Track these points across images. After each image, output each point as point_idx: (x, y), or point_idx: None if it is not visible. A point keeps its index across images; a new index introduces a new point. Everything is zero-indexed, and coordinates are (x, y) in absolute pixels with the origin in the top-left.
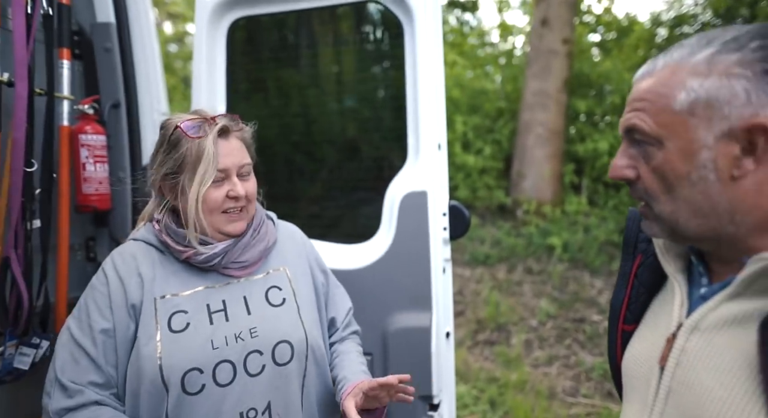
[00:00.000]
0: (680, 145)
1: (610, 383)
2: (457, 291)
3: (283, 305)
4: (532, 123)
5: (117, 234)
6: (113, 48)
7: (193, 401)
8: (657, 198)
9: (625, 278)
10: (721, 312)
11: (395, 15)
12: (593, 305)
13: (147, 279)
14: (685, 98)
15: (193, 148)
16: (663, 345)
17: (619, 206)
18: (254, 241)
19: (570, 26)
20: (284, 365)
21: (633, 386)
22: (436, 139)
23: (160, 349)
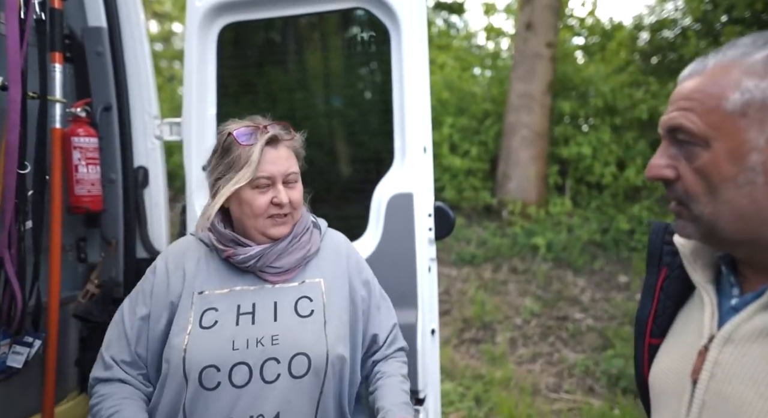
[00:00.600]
0: (729, 146)
1: (591, 379)
2: (443, 290)
3: (310, 317)
4: (517, 125)
5: (108, 235)
6: (105, 52)
7: (208, 397)
8: (698, 199)
9: (651, 291)
10: (756, 323)
11: (381, 21)
12: (576, 304)
13: (189, 275)
14: (738, 98)
15: (243, 154)
16: (694, 358)
17: (601, 207)
18: (292, 248)
19: (554, 30)
20: (300, 378)
21: (662, 401)
22: (421, 142)
23: (186, 342)
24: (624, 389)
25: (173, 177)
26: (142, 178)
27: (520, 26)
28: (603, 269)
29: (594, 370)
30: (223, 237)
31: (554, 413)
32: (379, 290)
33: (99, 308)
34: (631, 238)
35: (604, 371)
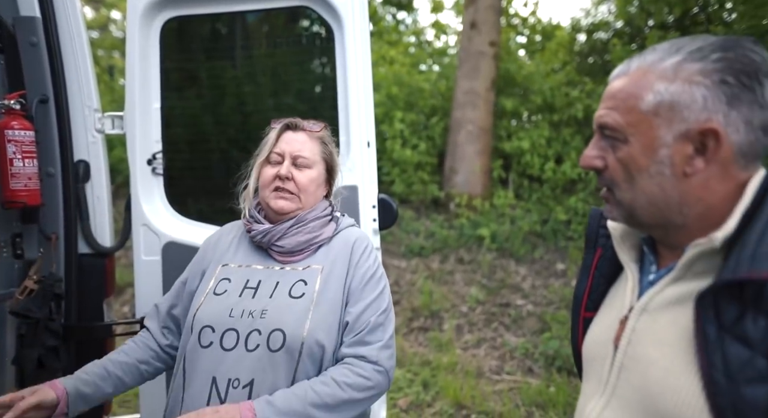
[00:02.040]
0: (643, 141)
1: (530, 361)
2: (393, 282)
3: (299, 299)
4: (462, 121)
5: (47, 230)
6: (39, 42)
7: (200, 353)
8: (619, 186)
9: (587, 269)
10: (666, 294)
11: (325, 20)
12: (518, 291)
13: (222, 248)
14: (652, 99)
15: (268, 134)
16: (617, 326)
17: (541, 199)
18: (296, 230)
19: (497, 29)
20: (274, 352)
21: (591, 366)
22: (365, 137)
23: (201, 303)
24: (559, 368)
25: (114, 172)
26: (83, 172)
27: (464, 25)
28: (542, 258)
29: (533, 352)
30: (249, 214)
31: (496, 394)
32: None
33: (38, 304)
34: (568, 228)
35: (542, 353)
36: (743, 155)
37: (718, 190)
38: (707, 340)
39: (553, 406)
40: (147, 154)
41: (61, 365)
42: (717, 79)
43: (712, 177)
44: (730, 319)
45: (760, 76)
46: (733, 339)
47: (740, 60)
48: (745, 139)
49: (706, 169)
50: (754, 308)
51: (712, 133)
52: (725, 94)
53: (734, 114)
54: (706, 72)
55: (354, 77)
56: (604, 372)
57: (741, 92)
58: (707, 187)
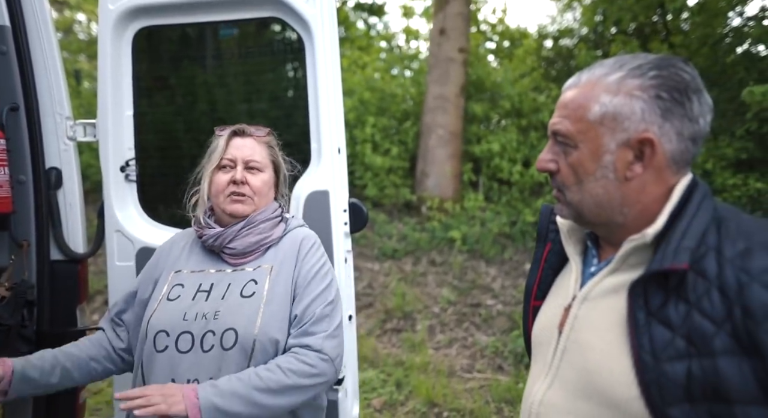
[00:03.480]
0: (590, 148)
1: (501, 359)
2: (366, 284)
3: (249, 298)
4: (433, 125)
5: (19, 237)
6: (9, 51)
7: (156, 357)
8: (570, 188)
9: (537, 262)
10: (604, 284)
11: (295, 30)
12: (488, 291)
13: (174, 256)
14: (598, 110)
15: (216, 142)
16: (561, 314)
17: (511, 202)
18: (246, 232)
19: (465, 36)
20: (227, 350)
21: (538, 350)
22: (336, 144)
23: (154, 309)
24: (528, 365)
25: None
26: (55, 180)
27: (434, 32)
28: (512, 259)
29: (503, 350)
30: (198, 221)
31: (467, 391)
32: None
33: (10, 311)
34: (536, 229)
35: (511, 351)
36: (675, 162)
37: (652, 193)
38: (637, 324)
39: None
40: (120, 161)
41: None
42: (653, 94)
43: (648, 181)
44: (656, 305)
45: (689, 93)
46: (658, 323)
47: (673, 77)
48: (677, 148)
49: (644, 174)
50: (675, 296)
51: (648, 142)
52: (660, 107)
53: (668, 126)
54: (644, 87)
55: (324, 85)
56: (549, 356)
57: (673, 106)
58: (644, 190)
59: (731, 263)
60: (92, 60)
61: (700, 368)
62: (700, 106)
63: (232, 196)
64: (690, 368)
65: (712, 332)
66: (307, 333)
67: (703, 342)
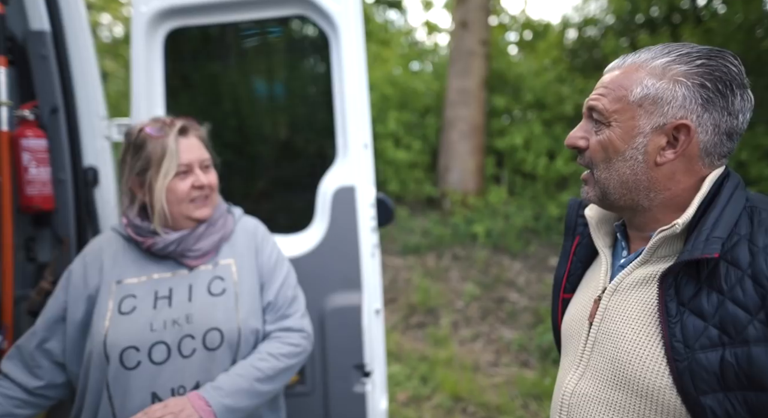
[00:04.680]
0: (624, 128)
1: (526, 354)
2: (390, 279)
3: (221, 296)
4: (455, 119)
5: (60, 233)
6: (49, 55)
7: (129, 375)
8: (597, 165)
9: (566, 255)
10: (634, 276)
11: (322, 29)
12: (512, 286)
13: (107, 267)
14: (639, 92)
15: (158, 146)
16: (591, 306)
17: (535, 195)
18: (209, 232)
19: (487, 28)
20: (214, 350)
21: (569, 342)
22: (362, 139)
23: (106, 327)
24: (554, 360)
25: None
26: (92, 178)
27: (455, 24)
28: (536, 253)
29: (528, 345)
30: (142, 229)
31: (493, 386)
32: (282, 268)
33: None
34: (561, 223)
35: (537, 346)
36: (707, 154)
37: (682, 181)
38: (669, 314)
39: (549, 397)
40: None
41: None
42: (697, 83)
43: (679, 169)
44: (688, 295)
45: (734, 86)
46: (691, 313)
47: (720, 69)
48: (711, 141)
49: (675, 161)
50: (707, 286)
51: (684, 129)
52: (702, 97)
53: (706, 116)
54: (689, 75)
55: (350, 81)
56: (579, 347)
57: (715, 98)
58: (672, 177)
59: (764, 252)
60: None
61: (734, 356)
62: (742, 102)
63: (196, 202)
64: (723, 356)
65: (746, 321)
66: (285, 316)
67: (736, 331)
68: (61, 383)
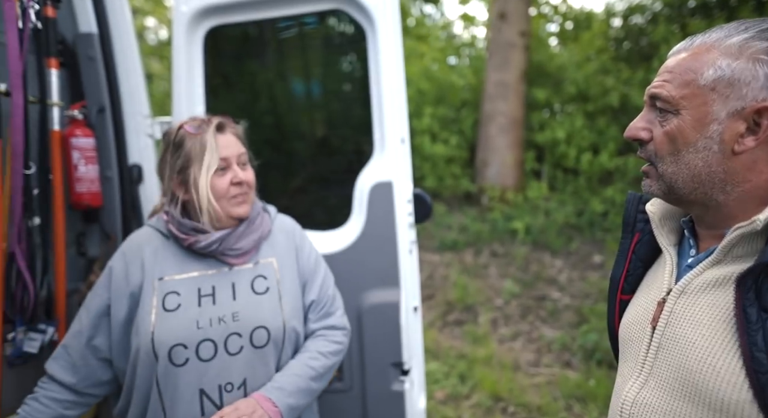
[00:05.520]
0: (695, 115)
1: (568, 354)
2: (427, 276)
3: (266, 294)
4: (493, 113)
5: (107, 229)
6: (96, 56)
7: (178, 372)
8: (663, 159)
9: (624, 253)
10: (705, 277)
11: (359, 23)
12: (554, 284)
13: (148, 264)
14: (711, 75)
15: (197, 143)
16: (654, 309)
17: (577, 191)
18: (249, 230)
19: (526, 19)
20: (261, 348)
21: (628, 347)
22: (399, 134)
23: (153, 324)
24: (599, 361)
25: None
26: (137, 175)
27: (493, 16)
28: (579, 250)
29: (571, 345)
30: (184, 226)
31: (534, 387)
32: (318, 266)
33: None
34: (605, 219)
35: (581, 346)
36: None
37: (765, 172)
38: (748, 320)
39: (594, 399)
40: None
41: None
42: None
43: (761, 158)
44: None
45: None
46: None
47: None
48: None
49: (756, 149)
50: None
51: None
52: None
53: None
54: None
55: (387, 75)
56: (641, 353)
57: None
58: (753, 168)
59: None
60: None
61: None
62: None
63: (236, 198)
64: None
65: None
66: (328, 314)
67: None
68: (107, 380)
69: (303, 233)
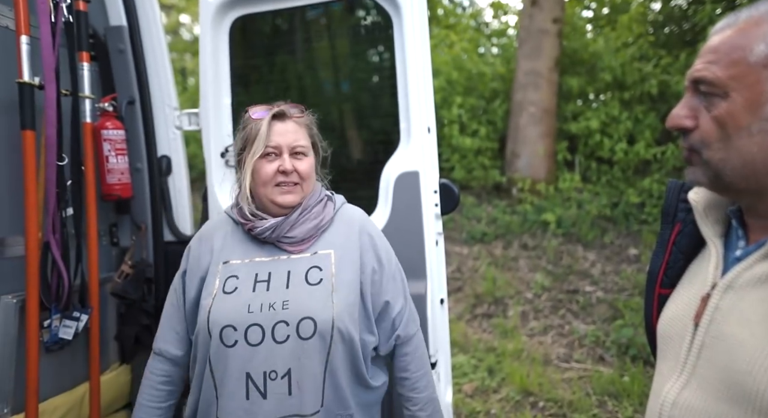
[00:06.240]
0: (747, 96)
1: (602, 349)
2: (455, 268)
3: (318, 285)
4: (524, 103)
5: (138, 220)
6: (126, 49)
7: (228, 352)
8: (710, 145)
9: (664, 245)
10: (755, 271)
11: (384, 9)
12: (586, 277)
13: (216, 248)
14: (764, 50)
15: (254, 128)
16: (698, 304)
17: (611, 181)
18: (303, 219)
19: (560, 5)
20: (307, 340)
21: (668, 344)
22: (425, 123)
23: (211, 304)
24: (633, 357)
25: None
26: (166, 167)
27: (525, 2)
28: (613, 243)
29: (604, 340)
30: (243, 212)
31: (565, 381)
32: (395, 265)
33: (133, 286)
34: (641, 211)
35: (614, 341)
36: None
37: None
38: None
39: (628, 396)
40: (220, 147)
41: None
42: None
43: None
44: None
45: None
46: None
47: None
48: None
49: None
50: None
51: None
52: None
53: None
54: None
55: (413, 64)
56: (683, 351)
57: None
58: None
59: None
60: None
61: None
62: None
63: (280, 187)
64: None
65: None
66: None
67: None
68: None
69: (373, 228)
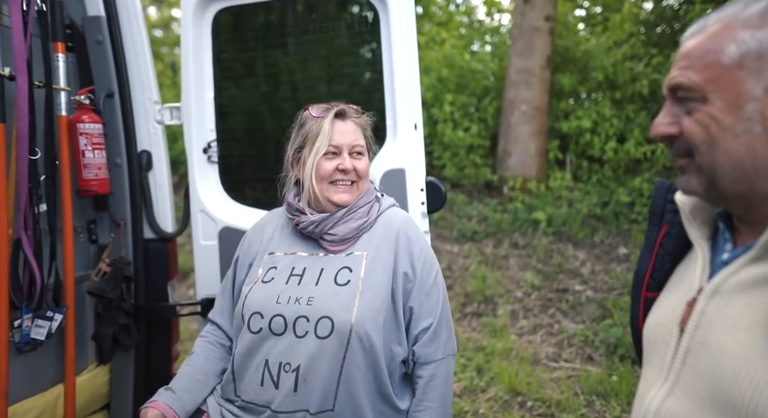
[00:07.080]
0: (725, 98)
1: (590, 348)
2: (445, 266)
3: (345, 286)
4: (516, 101)
5: (116, 216)
6: (104, 40)
7: (252, 338)
8: (698, 149)
9: (650, 247)
10: (742, 275)
11: (371, 4)
12: (576, 276)
13: (266, 238)
14: (735, 51)
15: (315, 126)
16: (683, 309)
17: (602, 180)
18: (347, 217)
19: (552, 3)
20: (323, 339)
21: (653, 349)
22: (412, 120)
23: (249, 291)
24: (622, 356)
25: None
26: (146, 162)
27: (517, 0)
28: (603, 242)
29: (593, 339)
30: (291, 206)
31: (553, 381)
32: (435, 282)
33: (111, 285)
34: (632, 210)
35: (603, 340)
36: None
37: None
38: None
39: (616, 395)
40: (203, 142)
41: (132, 342)
42: None
43: None
44: None
45: None
46: None
47: None
48: None
49: None
50: None
51: None
52: None
53: None
54: None
55: (400, 60)
56: (668, 357)
57: None
58: None
59: None
60: None
61: None
62: None
63: (337, 185)
64: None
65: None
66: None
67: None
68: None
69: (415, 233)
